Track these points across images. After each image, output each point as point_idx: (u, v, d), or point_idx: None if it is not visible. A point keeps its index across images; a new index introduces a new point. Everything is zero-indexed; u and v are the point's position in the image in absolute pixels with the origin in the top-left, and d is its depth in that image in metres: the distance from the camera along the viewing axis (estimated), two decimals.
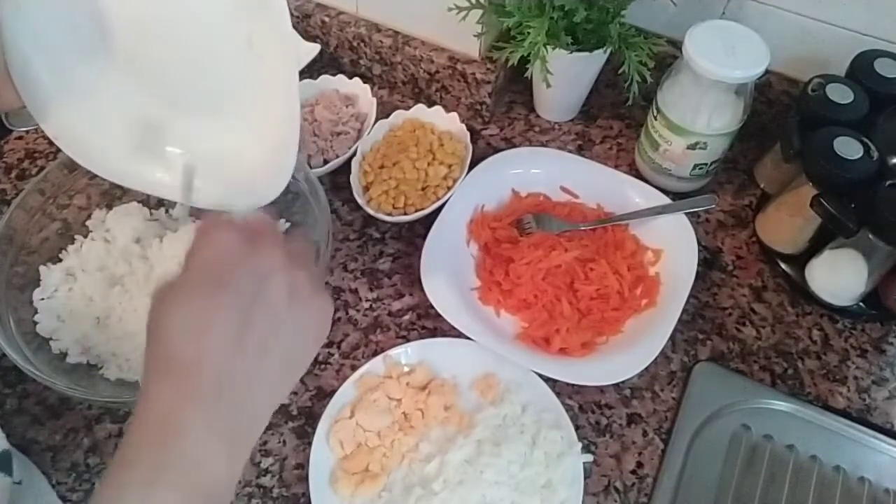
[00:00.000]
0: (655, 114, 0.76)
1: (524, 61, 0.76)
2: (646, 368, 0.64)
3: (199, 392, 0.37)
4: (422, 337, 0.70)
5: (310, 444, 0.62)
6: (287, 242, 0.43)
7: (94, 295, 0.67)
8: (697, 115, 0.72)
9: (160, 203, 0.77)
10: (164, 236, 0.72)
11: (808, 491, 0.63)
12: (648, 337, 0.66)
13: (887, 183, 0.63)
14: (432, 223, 0.74)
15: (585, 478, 0.60)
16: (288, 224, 0.75)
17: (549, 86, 0.76)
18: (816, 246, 0.71)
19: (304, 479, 0.61)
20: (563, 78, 0.79)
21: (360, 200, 0.76)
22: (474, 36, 0.81)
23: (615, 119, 0.90)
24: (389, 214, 0.76)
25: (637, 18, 0.80)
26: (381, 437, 0.62)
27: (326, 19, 0.90)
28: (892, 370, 0.70)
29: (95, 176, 0.73)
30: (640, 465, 0.64)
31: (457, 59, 0.85)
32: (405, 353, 0.67)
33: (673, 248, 0.73)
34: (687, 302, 0.69)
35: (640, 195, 0.77)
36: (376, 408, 0.64)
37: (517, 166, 0.80)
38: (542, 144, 0.87)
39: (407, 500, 0.59)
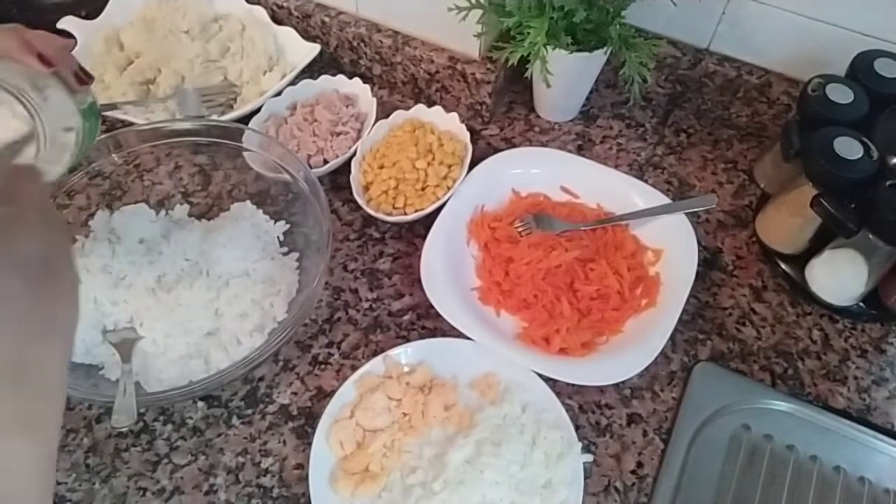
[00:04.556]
0: None
1: (524, 61, 0.76)
2: (646, 368, 0.64)
3: None
4: (422, 337, 0.70)
5: (310, 444, 0.62)
6: None
7: (98, 296, 0.68)
8: None
9: (160, 204, 0.77)
10: (170, 236, 0.72)
11: (808, 491, 0.63)
12: (648, 337, 0.66)
13: (887, 183, 0.63)
14: (432, 223, 0.74)
15: (585, 478, 0.60)
16: (288, 225, 0.75)
17: (549, 86, 0.76)
18: (816, 246, 0.71)
19: (304, 479, 0.61)
20: (563, 78, 0.79)
21: (359, 200, 0.77)
22: (474, 36, 0.81)
23: (615, 119, 0.90)
24: (389, 214, 0.76)
25: (637, 19, 0.80)
26: (381, 438, 0.62)
27: (326, 19, 0.90)
28: (892, 370, 0.70)
29: (96, 176, 0.74)
30: (640, 465, 0.64)
31: (457, 59, 0.85)
32: (405, 353, 0.67)
33: (673, 248, 0.73)
34: (687, 302, 0.69)
35: (640, 195, 0.77)
36: (376, 408, 0.64)
37: (517, 166, 0.80)
38: (542, 144, 0.87)
39: (407, 500, 0.59)
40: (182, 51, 0.88)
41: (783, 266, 0.75)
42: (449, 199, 0.75)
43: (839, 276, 0.70)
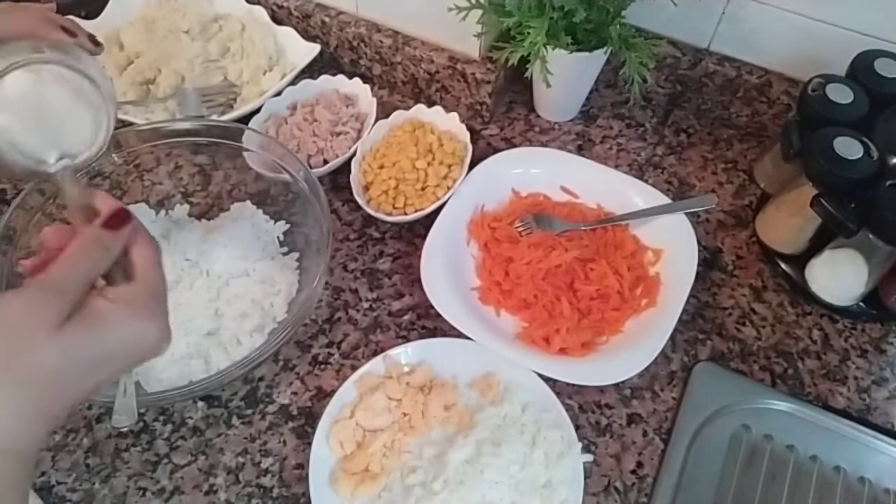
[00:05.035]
0: None
1: (524, 61, 0.76)
2: (646, 368, 0.64)
3: None
4: (422, 337, 0.70)
5: (310, 444, 0.62)
6: None
7: None
8: None
9: (160, 204, 0.77)
10: (170, 236, 0.72)
11: (808, 491, 0.63)
12: (648, 337, 0.66)
13: (887, 183, 0.63)
14: (432, 223, 0.74)
15: (585, 478, 0.60)
16: (288, 225, 0.75)
17: (549, 86, 0.76)
18: (816, 246, 0.71)
19: (304, 479, 0.61)
20: (563, 78, 0.79)
21: (360, 200, 0.77)
22: (474, 36, 0.81)
23: (615, 119, 0.90)
24: (389, 214, 0.76)
25: (637, 19, 0.80)
26: (381, 438, 0.62)
27: (326, 19, 0.90)
28: (892, 370, 0.70)
29: (96, 176, 0.74)
30: (640, 465, 0.64)
31: (457, 59, 0.85)
32: (405, 353, 0.67)
33: (673, 248, 0.73)
34: (687, 302, 0.69)
35: (640, 195, 0.77)
36: (376, 408, 0.64)
37: (517, 166, 0.80)
38: (542, 144, 0.87)
39: (407, 500, 0.59)
40: (182, 51, 0.88)
41: (783, 266, 0.75)
42: (449, 199, 0.75)
43: (839, 276, 0.70)
